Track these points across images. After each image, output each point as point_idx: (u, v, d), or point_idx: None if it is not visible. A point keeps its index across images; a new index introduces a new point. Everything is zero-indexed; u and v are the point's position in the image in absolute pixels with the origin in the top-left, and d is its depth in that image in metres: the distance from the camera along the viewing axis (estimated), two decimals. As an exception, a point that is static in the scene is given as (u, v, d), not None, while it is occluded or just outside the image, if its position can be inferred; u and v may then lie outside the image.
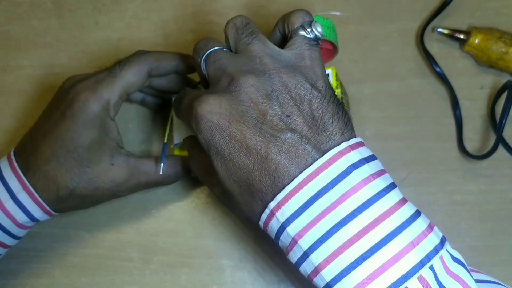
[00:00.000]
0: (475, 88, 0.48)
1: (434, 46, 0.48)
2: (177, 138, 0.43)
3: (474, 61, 0.48)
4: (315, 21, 0.34)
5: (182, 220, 0.47)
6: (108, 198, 0.42)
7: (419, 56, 0.49)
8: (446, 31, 0.47)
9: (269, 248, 0.46)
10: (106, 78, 0.39)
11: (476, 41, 0.46)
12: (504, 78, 0.47)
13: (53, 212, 0.41)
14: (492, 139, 0.46)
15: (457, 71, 0.48)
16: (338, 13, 0.50)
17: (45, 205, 0.39)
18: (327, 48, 0.41)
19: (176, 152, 0.44)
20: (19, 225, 0.40)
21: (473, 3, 0.49)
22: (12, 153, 0.40)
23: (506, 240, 0.45)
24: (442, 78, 0.47)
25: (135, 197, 0.45)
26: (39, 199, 0.39)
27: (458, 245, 0.45)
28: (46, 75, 0.51)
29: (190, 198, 0.48)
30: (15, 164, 0.39)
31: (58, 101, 0.40)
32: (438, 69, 0.47)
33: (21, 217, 0.39)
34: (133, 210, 0.47)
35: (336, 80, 0.41)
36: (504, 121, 0.42)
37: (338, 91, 0.38)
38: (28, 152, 0.39)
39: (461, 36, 0.47)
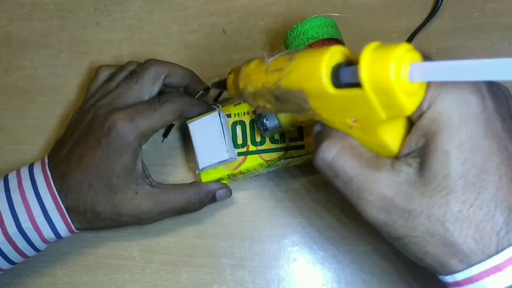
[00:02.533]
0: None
1: (433, 48, 0.49)
2: (202, 163, 0.42)
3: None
4: None
5: (182, 219, 0.47)
6: (130, 224, 0.43)
7: (418, 57, 0.49)
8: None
9: (269, 248, 0.46)
10: (145, 111, 0.40)
11: None
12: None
13: (76, 231, 0.42)
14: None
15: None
16: (337, 14, 0.50)
17: (72, 225, 0.41)
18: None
19: (203, 177, 0.44)
20: (44, 240, 0.41)
21: (472, 4, 0.49)
22: (47, 169, 0.41)
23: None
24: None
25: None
26: (68, 219, 0.40)
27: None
28: (47, 76, 0.51)
29: (191, 197, 0.48)
30: (51, 182, 0.40)
31: (94, 128, 0.41)
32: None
33: (48, 233, 0.40)
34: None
35: None
36: None
37: None
38: (63, 173, 0.41)
39: None
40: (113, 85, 0.43)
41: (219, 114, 0.42)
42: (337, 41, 0.41)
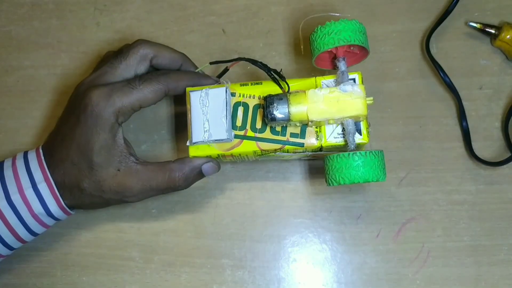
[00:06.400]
0: (474, 88, 0.48)
1: (433, 47, 0.49)
2: (196, 137, 0.41)
3: (472, 60, 0.48)
4: None
5: (182, 220, 0.47)
6: (116, 202, 0.42)
7: (418, 57, 0.49)
8: (478, 26, 0.47)
9: (269, 248, 0.46)
10: (123, 88, 0.40)
11: (508, 37, 0.46)
12: (502, 78, 0.48)
13: (68, 209, 0.42)
14: (495, 139, 0.47)
15: (456, 71, 0.48)
16: (337, 14, 0.50)
17: (61, 199, 0.41)
18: (353, 52, 0.41)
19: (191, 151, 0.41)
20: (34, 215, 0.41)
21: (473, 3, 0.49)
22: (40, 147, 0.43)
23: (505, 240, 0.45)
24: (445, 80, 0.47)
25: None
26: (57, 192, 0.41)
27: (457, 244, 0.45)
28: (47, 76, 0.51)
29: (191, 197, 0.48)
30: (42, 158, 0.41)
31: (74, 106, 0.41)
32: (445, 76, 0.47)
33: (37, 206, 0.41)
34: (134, 209, 0.48)
35: (362, 83, 0.41)
36: None
37: (364, 96, 0.39)
38: (51, 150, 0.42)
39: (492, 31, 0.47)
40: (101, 65, 0.43)
41: (226, 91, 0.40)
42: (364, 50, 0.40)
